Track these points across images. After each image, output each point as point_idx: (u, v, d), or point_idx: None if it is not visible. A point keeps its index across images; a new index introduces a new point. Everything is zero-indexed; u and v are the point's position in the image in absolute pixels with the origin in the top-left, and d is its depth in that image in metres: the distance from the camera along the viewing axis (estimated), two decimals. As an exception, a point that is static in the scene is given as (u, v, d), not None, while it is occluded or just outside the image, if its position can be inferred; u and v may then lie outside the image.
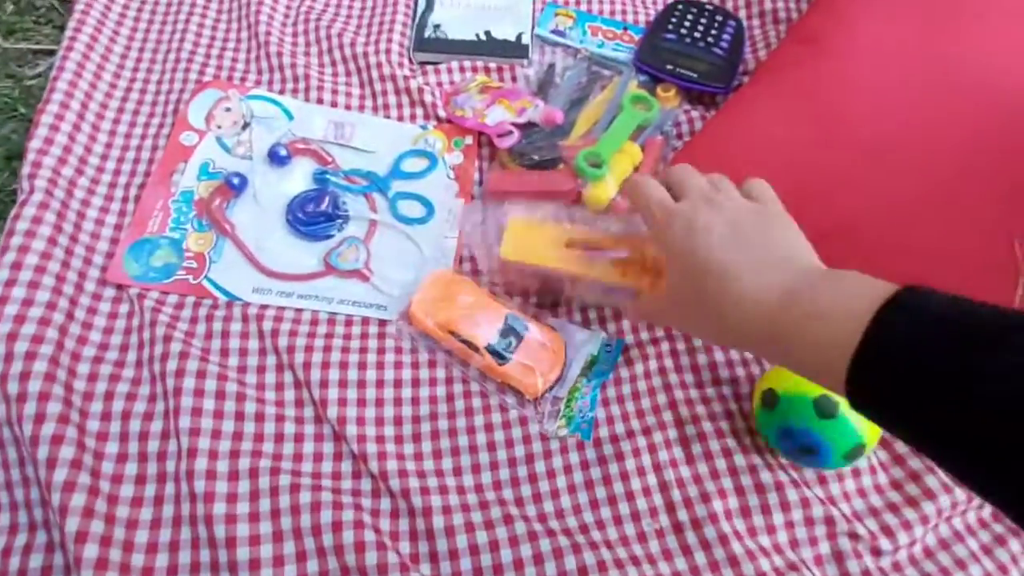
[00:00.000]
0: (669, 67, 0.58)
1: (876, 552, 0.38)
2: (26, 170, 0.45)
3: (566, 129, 0.54)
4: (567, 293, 0.45)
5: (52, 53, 0.59)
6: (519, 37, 0.60)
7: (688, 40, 0.60)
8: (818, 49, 0.51)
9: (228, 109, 0.53)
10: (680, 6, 0.64)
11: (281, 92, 0.55)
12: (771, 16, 0.64)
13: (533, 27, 0.62)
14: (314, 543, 0.35)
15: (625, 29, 0.63)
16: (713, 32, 0.61)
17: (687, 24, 0.62)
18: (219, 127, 0.52)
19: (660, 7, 0.65)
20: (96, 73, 0.53)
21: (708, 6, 0.64)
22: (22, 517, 0.35)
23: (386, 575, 0.34)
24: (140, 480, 0.37)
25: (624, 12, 0.65)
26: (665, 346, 0.45)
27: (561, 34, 0.62)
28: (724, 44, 0.60)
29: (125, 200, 0.48)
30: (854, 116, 0.47)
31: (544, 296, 0.45)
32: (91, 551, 0.33)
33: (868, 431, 0.37)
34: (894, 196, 0.44)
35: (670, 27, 0.61)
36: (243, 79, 0.56)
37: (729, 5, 0.65)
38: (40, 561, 0.34)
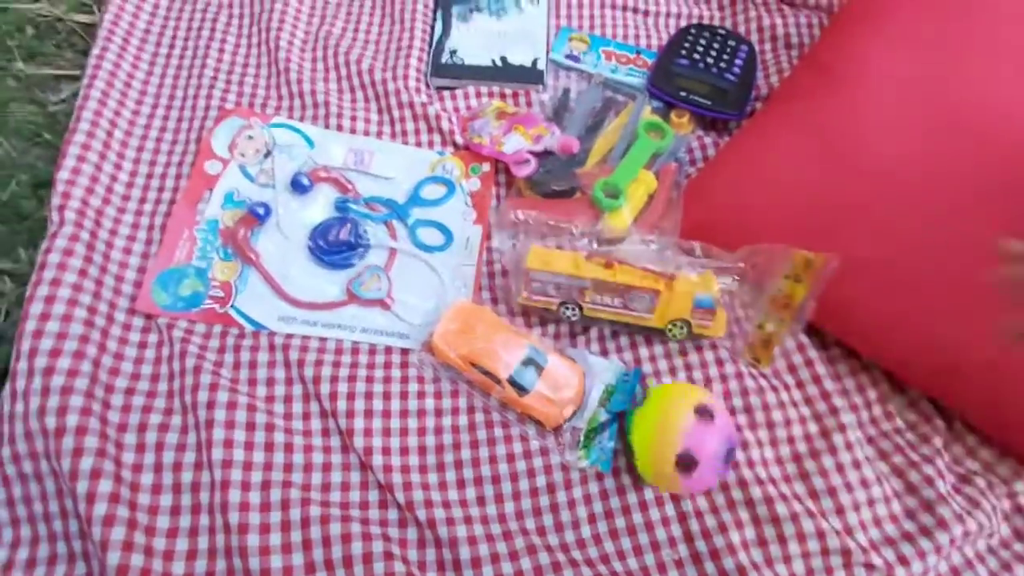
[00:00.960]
0: (682, 93, 0.59)
1: (889, 581, 0.39)
2: (56, 201, 0.46)
3: (582, 157, 0.55)
4: (584, 303, 0.46)
5: (75, 79, 0.59)
6: (534, 63, 0.61)
7: (701, 65, 0.61)
8: (828, 79, 0.52)
9: (251, 137, 0.53)
10: (693, 30, 0.64)
11: (301, 119, 0.56)
12: (783, 41, 0.65)
13: (548, 52, 0.63)
14: (345, 574, 0.36)
15: (638, 53, 0.64)
16: (726, 57, 0.62)
17: (700, 49, 0.62)
18: (242, 155, 0.53)
19: (673, 31, 0.66)
20: (120, 100, 0.54)
21: (721, 30, 0.64)
22: (61, 548, 0.37)
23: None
24: (175, 511, 0.38)
25: (637, 37, 0.66)
26: (682, 375, 0.46)
27: (575, 59, 0.63)
28: (736, 69, 0.61)
29: (151, 228, 0.49)
30: (862, 149, 0.48)
31: (563, 306, 0.46)
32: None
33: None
34: (897, 230, 0.45)
35: (683, 52, 0.62)
36: (264, 105, 0.57)
37: (741, 30, 0.66)
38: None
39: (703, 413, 0.39)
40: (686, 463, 0.38)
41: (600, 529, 0.40)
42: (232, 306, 0.47)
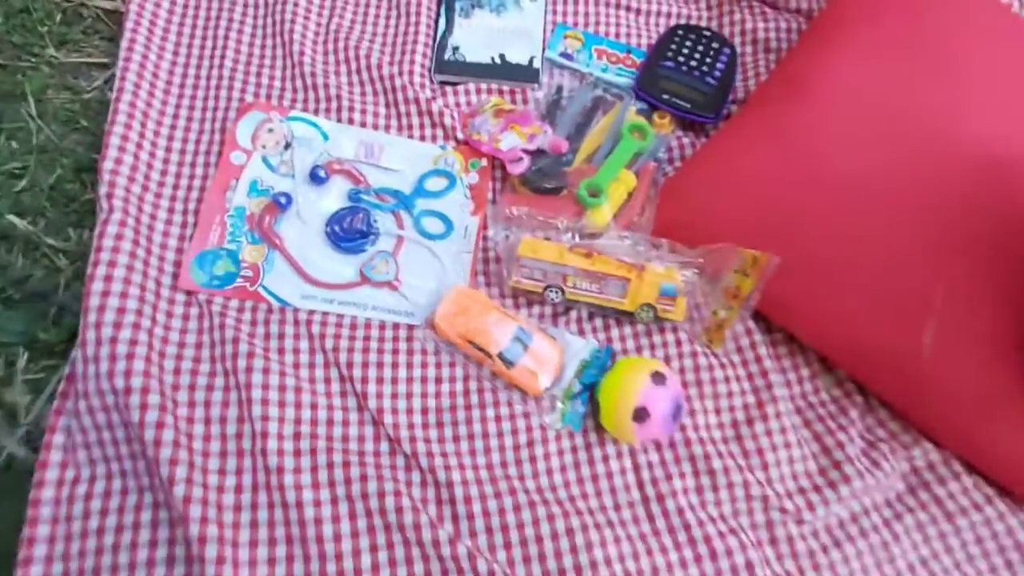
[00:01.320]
0: (665, 96, 0.65)
1: (799, 522, 0.49)
2: (103, 190, 0.52)
3: (570, 157, 0.61)
4: (569, 289, 0.54)
5: (103, 66, 0.64)
6: (531, 61, 0.66)
7: (684, 68, 0.66)
8: (795, 91, 0.58)
9: (271, 130, 0.59)
10: (680, 31, 0.69)
11: (316, 112, 0.61)
12: (763, 44, 0.69)
13: (544, 50, 0.67)
14: (363, 505, 0.45)
15: (628, 52, 0.69)
16: (708, 60, 0.67)
17: (685, 51, 0.67)
18: (264, 147, 0.58)
19: (663, 29, 0.71)
20: (150, 92, 0.59)
21: (706, 32, 0.69)
22: (131, 483, 0.45)
23: (419, 531, 0.44)
24: (223, 455, 0.46)
25: (628, 35, 0.70)
26: (647, 353, 0.54)
27: (569, 57, 0.68)
28: (717, 73, 0.66)
29: (185, 213, 0.55)
30: (821, 159, 0.54)
31: (548, 288, 0.54)
32: (194, 511, 0.43)
33: None
34: (841, 234, 0.52)
35: (669, 54, 0.67)
36: (281, 98, 0.62)
37: (726, 31, 0.70)
38: (149, 515, 0.44)
39: (657, 377, 0.48)
40: (640, 415, 0.47)
41: (569, 477, 0.49)
42: (261, 285, 0.54)
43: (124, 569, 0.42)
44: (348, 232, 0.56)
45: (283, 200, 0.56)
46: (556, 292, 0.54)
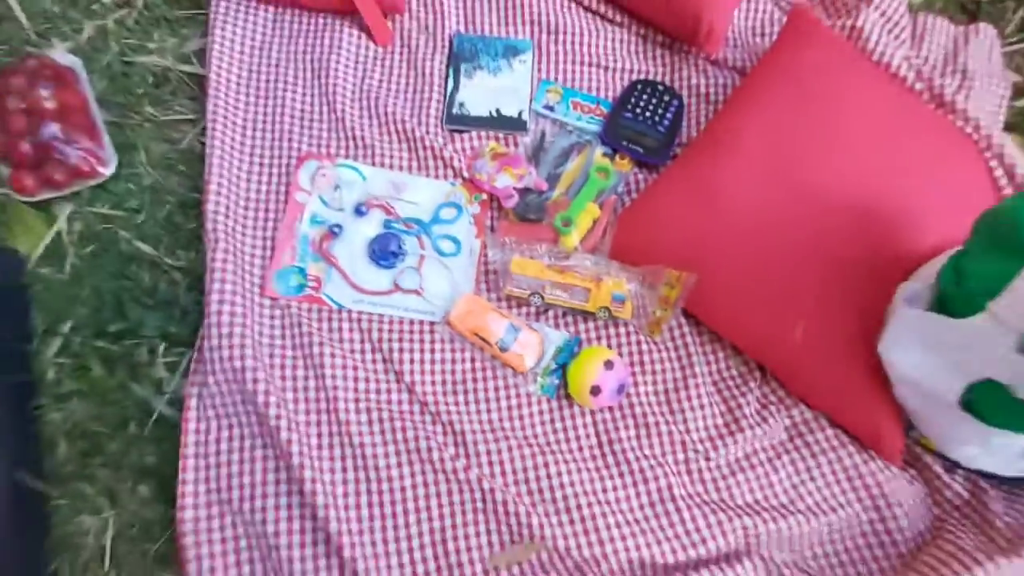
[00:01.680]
0: (624, 143, 0.83)
1: (707, 459, 0.70)
2: (208, 225, 0.72)
3: (550, 193, 0.80)
4: (547, 296, 0.74)
5: (191, 122, 0.83)
6: (520, 114, 0.85)
7: (641, 118, 0.85)
8: (716, 148, 0.76)
9: (324, 175, 0.78)
10: (639, 85, 0.87)
11: (356, 159, 0.81)
12: (704, 97, 0.88)
13: (531, 102, 0.86)
14: (404, 446, 0.66)
15: (598, 104, 0.87)
16: (660, 111, 0.85)
17: (642, 103, 0.86)
18: (319, 188, 0.78)
19: (626, 83, 0.89)
20: (231, 144, 0.78)
21: (660, 85, 0.87)
22: (258, 445, 0.66)
23: (443, 462, 0.66)
24: (307, 412, 0.67)
25: (599, 89, 0.89)
26: (604, 342, 0.75)
27: (551, 108, 0.86)
28: (667, 122, 0.85)
29: (265, 239, 0.75)
30: (732, 198, 0.73)
31: (532, 295, 0.74)
32: (294, 449, 0.64)
33: None
34: (743, 257, 0.71)
35: (629, 106, 0.85)
36: (328, 146, 0.81)
37: (676, 84, 0.89)
38: (260, 452, 0.65)
39: (608, 364, 0.68)
40: (595, 391, 0.67)
41: (546, 429, 0.70)
42: (323, 292, 0.74)
43: (247, 487, 0.64)
44: (384, 252, 0.76)
45: (336, 229, 0.76)
46: (538, 298, 0.74)
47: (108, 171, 0.78)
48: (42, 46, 0.84)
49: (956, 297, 0.58)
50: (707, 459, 0.70)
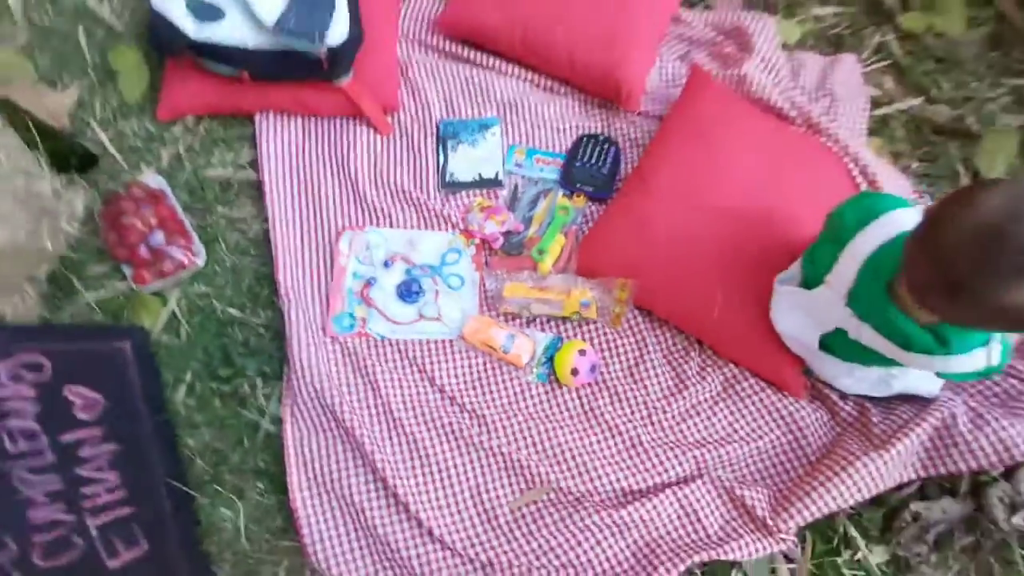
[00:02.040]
0: (578, 185, 1.10)
1: (664, 411, 0.95)
2: (281, 290, 0.99)
3: (526, 232, 1.07)
4: (533, 309, 1.00)
5: (255, 215, 1.11)
6: (496, 174, 1.12)
7: (588, 165, 1.12)
8: (642, 182, 1.03)
9: (356, 241, 1.05)
10: (584, 139, 1.14)
11: (378, 224, 1.08)
12: (635, 142, 1.14)
13: (503, 164, 1.13)
14: (441, 430, 0.92)
15: (556, 157, 1.14)
16: (602, 157, 1.12)
17: (588, 152, 1.13)
18: (356, 252, 1.05)
19: (574, 138, 1.16)
20: (285, 227, 1.05)
21: (600, 136, 1.14)
22: (331, 435, 0.92)
23: (471, 437, 0.91)
24: (370, 416, 0.93)
25: (555, 145, 1.16)
26: (578, 335, 1.01)
27: (520, 166, 1.14)
28: (607, 166, 1.11)
29: (322, 294, 1.02)
30: (655, 220, 0.99)
31: (522, 310, 1.00)
32: (367, 445, 0.90)
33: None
34: (676, 261, 0.97)
35: (578, 155, 1.12)
36: (357, 219, 1.08)
37: (616, 135, 1.15)
38: (341, 448, 0.91)
39: (582, 352, 0.94)
40: (574, 372, 0.93)
41: (543, 405, 0.96)
42: (368, 327, 1.00)
43: (336, 472, 0.90)
44: (408, 292, 1.03)
45: (372, 280, 1.03)
46: (526, 311, 1.00)
47: (201, 261, 1.05)
48: (135, 173, 1.12)
49: (809, 275, 0.84)
50: (663, 412, 0.95)
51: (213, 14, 0.99)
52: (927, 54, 1.23)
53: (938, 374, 0.80)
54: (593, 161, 1.12)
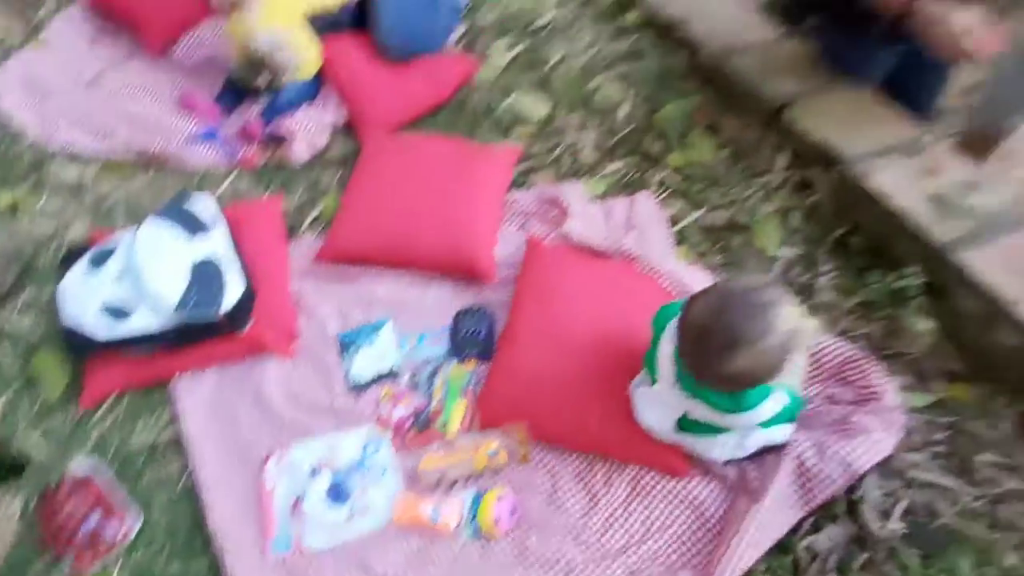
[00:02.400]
0: (465, 351, 1.31)
1: (585, 527, 1.06)
2: (217, 539, 1.06)
3: (430, 405, 1.24)
4: (449, 475, 1.12)
5: (182, 471, 1.19)
6: (391, 368, 1.30)
7: (469, 333, 1.33)
8: (515, 339, 1.25)
9: (283, 460, 1.16)
10: (460, 313, 1.37)
11: (300, 439, 1.20)
12: (503, 305, 1.39)
13: (399, 354, 1.33)
14: None
15: (442, 333, 1.36)
16: (479, 324, 1.35)
17: (467, 323, 1.35)
18: (283, 470, 1.15)
19: (452, 314, 1.39)
20: (211, 477, 1.15)
21: (474, 307, 1.38)
22: None
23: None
24: None
25: (438, 324, 1.37)
26: (499, 483, 1.13)
27: (414, 350, 1.34)
28: (484, 331, 1.34)
29: (257, 524, 1.09)
30: (532, 369, 1.20)
31: (440, 478, 1.12)
32: None
33: None
34: (561, 390, 1.16)
35: (460, 329, 1.35)
36: (280, 441, 1.20)
37: (486, 302, 1.40)
38: None
39: (500, 499, 1.06)
40: (497, 522, 1.04)
41: (475, 561, 1.04)
42: (305, 543, 1.07)
43: None
44: (338, 494, 1.12)
45: (300, 497, 1.12)
46: (444, 479, 1.13)
47: (137, 526, 1.11)
48: (64, 462, 1.20)
49: (650, 373, 1.06)
50: (586, 528, 1.06)
51: (121, 315, 1.19)
52: (694, 178, 1.65)
53: (760, 424, 1.00)
54: (473, 329, 1.34)
